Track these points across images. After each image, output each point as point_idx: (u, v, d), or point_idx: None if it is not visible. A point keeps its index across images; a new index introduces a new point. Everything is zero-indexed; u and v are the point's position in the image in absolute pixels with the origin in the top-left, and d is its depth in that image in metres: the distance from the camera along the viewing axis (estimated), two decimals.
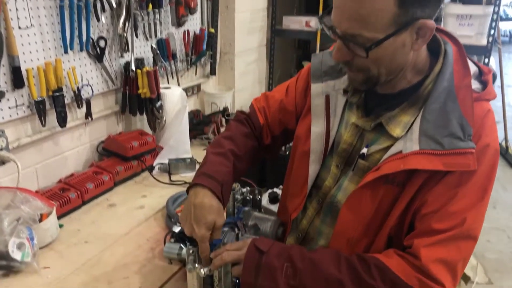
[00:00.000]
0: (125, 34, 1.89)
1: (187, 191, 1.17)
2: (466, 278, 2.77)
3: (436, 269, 0.94)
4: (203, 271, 1.08)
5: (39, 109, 1.60)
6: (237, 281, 1.20)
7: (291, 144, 1.31)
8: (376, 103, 1.09)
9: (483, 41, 2.65)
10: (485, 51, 2.62)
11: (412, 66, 1.01)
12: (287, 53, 3.59)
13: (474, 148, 0.93)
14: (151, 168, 1.94)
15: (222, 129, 2.40)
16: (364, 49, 0.93)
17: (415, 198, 0.98)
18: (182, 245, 1.26)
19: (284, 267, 1.02)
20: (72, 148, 1.83)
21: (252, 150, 1.31)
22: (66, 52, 1.67)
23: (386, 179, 0.99)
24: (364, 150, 1.07)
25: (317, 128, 1.19)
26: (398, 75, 1.01)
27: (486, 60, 2.65)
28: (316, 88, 1.20)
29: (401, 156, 0.97)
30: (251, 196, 1.39)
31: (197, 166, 1.97)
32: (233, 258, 1.06)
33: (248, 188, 1.42)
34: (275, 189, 1.57)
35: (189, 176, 1.93)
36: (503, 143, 4.63)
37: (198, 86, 2.58)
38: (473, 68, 1.02)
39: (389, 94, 1.06)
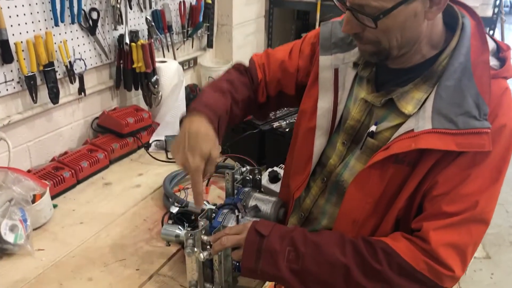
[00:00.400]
0: (118, 6, 1.81)
1: (180, 122, 1.10)
2: None
3: (446, 253, 0.91)
4: (202, 255, 1.04)
5: (30, 84, 1.54)
6: (237, 264, 1.17)
7: (285, 110, 1.26)
8: (387, 78, 1.03)
9: (489, 12, 2.58)
10: (490, 22, 2.55)
11: (428, 39, 0.95)
12: (286, 25, 3.50)
13: (489, 128, 0.88)
14: (147, 145, 1.89)
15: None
16: (372, 20, 0.89)
17: (426, 179, 0.94)
18: (180, 227, 1.22)
19: (286, 251, 0.98)
20: (65, 125, 1.77)
21: (248, 101, 1.24)
22: (56, 24, 1.60)
23: (396, 159, 0.95)
24: (373, 128, 1.02)
25: (324, 103, 1.13)
26: (412, 49, 0.96)
27: (491, 32, 2.58)
28: (325, 60, 1.14)
29: (412, 135, 0.92)
30: (251, 176, 1.34)
31: None
32: (233, 243, 1.02)
33: (248, 168, 1.37)
34: (275, 168, 1.53)
35: None
36: None
37: (195, 60, 2.51)
38: (491, 44, 0.96)
39: (401, 69, 1.00)
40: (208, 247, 1.06)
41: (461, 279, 2.71)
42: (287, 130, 1.65)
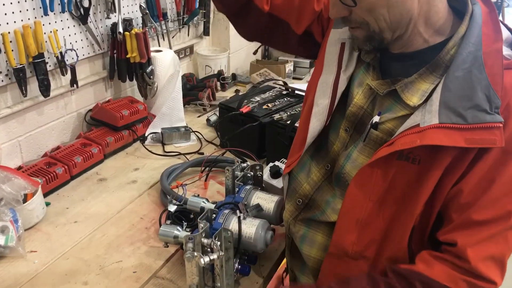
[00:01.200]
0: None
1: None
2: None
3: (486, 267, 0.86)
4: (203, 260, 0.99)
5: (19, 77, 1.46)
6: (239, 266, 1.13)
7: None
8: (392, 64, 0.97)
9: None
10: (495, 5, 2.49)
11: (424, 19, 0.89)
12: None
13: (501, 122, 0.81)
14: (143, 138, 1.83)
15: (218, 95, 2.28)
16: None
17: (443, 183, 0.88)
18: (179, 228, 1.17)
19: None
20: (57, 118, 1.70)
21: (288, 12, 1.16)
22: (46, 14, 1.52)
23: (400, 155, 0.89)
24: (376, 118, 0.96)
25: (325, 78, 1.08)
26: (407, 30, 0.89)
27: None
28: (334, 34, 1.08)
29: (418, 130, 0.86)
30: (252, 173, 1.29)
31: (192, 136, 1.87)
32: None
33: (249, 164, 1.32)
34: (277, 163, 1.47)
35: (183, 146, 1.83)
36: None
37: (191, 48, 2.43)
38: (505, 33, 0.89)
39: (404, 54, 0.94)
40: (209, 250, 1.01)
41: None
42: (288, 122, 1.59)
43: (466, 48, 0.85)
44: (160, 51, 1.95)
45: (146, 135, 1.85)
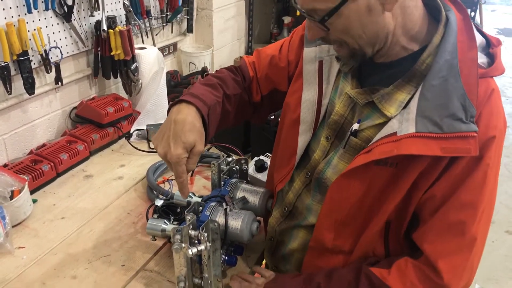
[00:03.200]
0: None
1: (168, 111, 1.05)
2: None
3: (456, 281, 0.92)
4: (190, 251, 1.01)
5: (3, 75, 1.47)
6: (226, 257, 1.15)
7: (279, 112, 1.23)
8: (371, 73, 0.99)
9: None
10: (472, 4, 2.55)
11: (402, 29, 0.90)
12: (266, 8, 3.44)
13: (476, 132, 0.83)
14: (128, 135, 1.84)
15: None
16: (319, 23, 0.87)
17: (418, 186, 0.91)
18: (166, 221, 1.19)
19: None
20: (42, 116, 1.71)
21: (241, 98, 1.20)
22: (29, 11, 1.53)
23: (378, 160, 0.91)
24: (356, 126, 0.98)
25: (308, 95, 1.10)
26: (386, 42, 0.91)
27: (473, 14, 2.58)
28: (309, 52, 1.10)
29: (395, 139, 0.88)
30: (237, 167, 1.31)
31: None
32: None
33: (234, 158, 1.34)
34: (262, 157, 1.50)
35: None
36: None
37: (175, 45, 2.45)
38: (479, 39, 0.91)
39: (384, 63, 0.96)
40: (196, 242, 1.04)
41: None
42: (272, 117, 1.61)
43: (442, 57, 0.86)
44: (144, 48, 1.97)
45: (131, 131, 1.86)
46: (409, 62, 0.91)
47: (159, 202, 1.29)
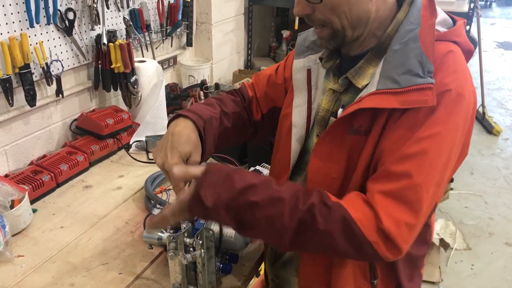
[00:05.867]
0: (95, 5, 1.78)
1: (167, 125, 1.13)
2: (446, 245, 2.83)
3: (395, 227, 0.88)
4: (185, 259, 1.03)
5: (6, 87, 1.50)
6: (221, 265, 1.17)
7: None
8: (350, 66, 1.04)
9: (465, 8, 2.61)
10: (466, 17, 2.58)
11: (378, 20, 0.98)
12: (265, 22, 3.49)
13: (432, 84, 0.88)
14: (127, 147, 1.87)
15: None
16: None
17: (378, 144, 0.95)
18: (163, 229, 1.21)
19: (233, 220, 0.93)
20: (43, 128, 1.74)
21: (240, 117, 1.25)
22: (32, 26, 1.57)
23: (351, 129, 0.96)
24: (340, 111, 1.04)
25: (298, 101, 1.15)
26: (365, 29, 0.98)
27: (468, 27, 2.62)
28: (298, 63, 1.17)
29: (358, 100, 0.95)
30: None
31: None
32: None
33: None
34: (258, 167, 1.53)
35: None
36: (480, 109, 4.67)
37: (175, 58, 2.49)
38: (443, 15, 1.00)
39: (359, 55, 1.02)
40: (191, 249, 1.06)
41: (442, 270, 2.76)
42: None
43: (404, 27, 0.95)
44: (144, 61, 2.01)
45: (130, 143, 1.89)
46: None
47: (155, 212, 1.31)
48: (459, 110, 0.91)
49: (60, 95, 1.73)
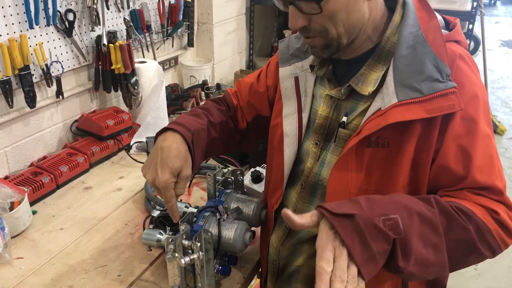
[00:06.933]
0: (95, 6, 1.78)
1: (155, 139, 1.11)
2: None
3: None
4: (183, 261, 1.03)
5: (5, 89, 1.50)
6: (220, 267, 1.17)
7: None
8: (345, 71, 1.03)
9: (468, 6, 2.59)
10: (469, 16, 2.57)
11: (371, 22, 0.96)
12: (267, 22, 3.48)
13: (455, 87, 0.87)
14: (128, 147, 1.87)
15: (202, 103, 2.32)
16: (316, 3, 0.89)
17: (421, 161, 0.92)
18: (161, 231, 1.21)
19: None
20: (43, 129, 1.74)
21: (226, 126, 1.25)
22: (31, 27, 1.57)
23: (369, 142, 0.93)
24: (344, 119, 1.01)
25: (288, 110, 1.14)
26: (359, 34, 0.96)
27: (470, 26, 2.60)
28: (284, 71, 1.15)
29: (380, 113, 0.91)
30: (232, 178, 1.33)
31: None
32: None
33: (230, 169, 1.36)
34: (258, 168, 1.52)
35: None
36: None
37: (176, 59, 2.48)
38: (438, 17, 0.98)
39: (353, 58, 1.00)
40: (189, 251, 1.05)
41: None
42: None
43: (405, 30, 0.93)
44: (145, 62, 2.00)
45: (131, 144, 1.88)
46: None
47: (155, 213, 1.30)
48: (489, 116, 0.94)
49: (60, 96, 1.73)
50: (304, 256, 1.13)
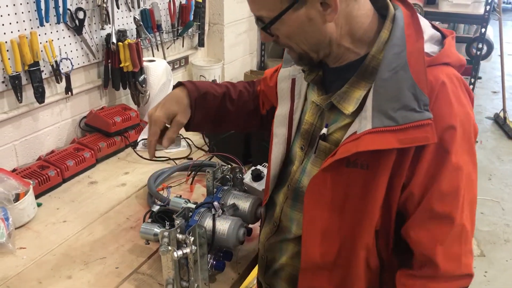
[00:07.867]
0: (105, 5, 1.81)
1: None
2: None
3: (456, 265, 0.95)
4: (176, 254, 1.05)
5: (15, 84, 1.55)
6: (214, 262, 1.18)
7: None
8: (332, 79, 1.02)
9: (481, 10, 2.57)
10: (482, 20, 2.54)
11: (348, 37, 0.94)
12: None
13: (431, 119, 0.84)
14: (134, 144, 1.90)
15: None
16: (262, 29, 0.95)
17: (393, 185, 0.92)
18: (159, 225, 1.23)
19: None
20: (52, 124, 1.78)
21: (246, 105, 1.32)
22: (42, 24, 1.61)
23: (348, 162, 0.93)
24: (324, 130, 1.01)
25: (281, 111, 1.15)
26: (332, 49, 0.95)
27: (483, 30, 2.58)
28: (284, 72, 1.17)
29: (354, 138, 0.90)
30: (231, 175, 1.35)
31: (183, 142, 1.94)
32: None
33: (229, 167, 1.38)
34: (259, 166, 1.53)
35: (174, 151, 1.89)
36: (501, 114, 4.57)
37: (186, 58, 2.51)
38: (430, 32, 0.95)
39: (339, 67, 1.00)
40: (184, 245, 1.07)
41: None
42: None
43: (390, 51, 0.89)
44: (153, 61, 2.03)
45: (137, 141, 1.92)
46: (360, 63, 0.95)
47: (155, 208, 1.33)
48: (469, 144, 0.92)
49: (69, 92, 1.77)
50: (288, 255, 1.14)
